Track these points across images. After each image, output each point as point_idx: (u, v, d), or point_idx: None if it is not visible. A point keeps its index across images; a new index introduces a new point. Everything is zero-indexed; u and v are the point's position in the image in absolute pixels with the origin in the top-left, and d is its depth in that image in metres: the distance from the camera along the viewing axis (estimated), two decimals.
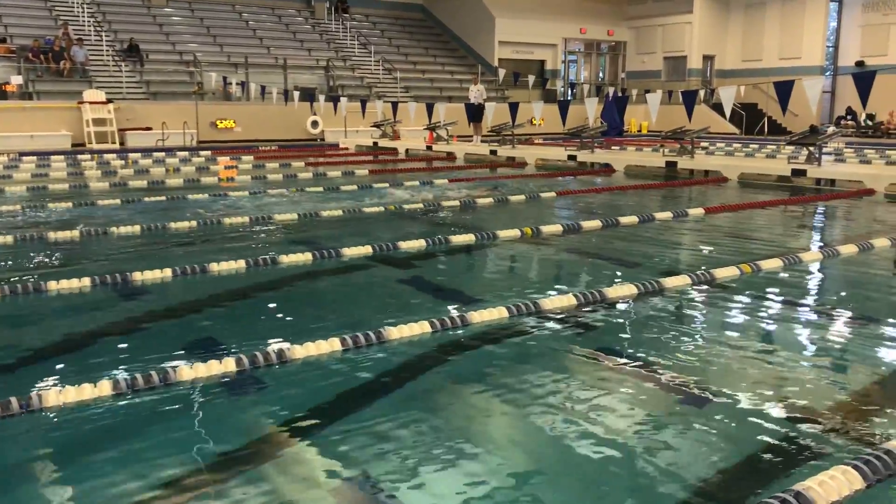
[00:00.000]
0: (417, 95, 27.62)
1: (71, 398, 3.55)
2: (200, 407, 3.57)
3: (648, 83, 30.81)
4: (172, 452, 3.10)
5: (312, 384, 3.89)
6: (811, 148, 14.18)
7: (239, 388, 3.80)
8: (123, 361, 4.16)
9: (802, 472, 2.89)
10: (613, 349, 4.40)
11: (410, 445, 3.15)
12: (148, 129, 22.11)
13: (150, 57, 25.21)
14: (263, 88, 23.43)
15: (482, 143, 21.08)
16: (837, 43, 30.94)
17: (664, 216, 9.29)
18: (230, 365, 3.94)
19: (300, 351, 4.16)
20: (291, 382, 3.91)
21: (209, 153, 19.07)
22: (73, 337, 4.71)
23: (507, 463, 3.04)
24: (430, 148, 20.89)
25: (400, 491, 2.80)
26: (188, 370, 3.85)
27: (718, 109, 24.23)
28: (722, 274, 6.08)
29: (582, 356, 4.32)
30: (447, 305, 5.49)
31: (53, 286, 5.63)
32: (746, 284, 5.97)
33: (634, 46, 35.53)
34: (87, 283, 5.74)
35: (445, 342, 4.50)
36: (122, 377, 3.74)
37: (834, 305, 5.65)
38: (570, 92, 33.36)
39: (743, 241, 8.37)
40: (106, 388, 3.64)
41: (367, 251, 6.99)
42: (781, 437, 3.24)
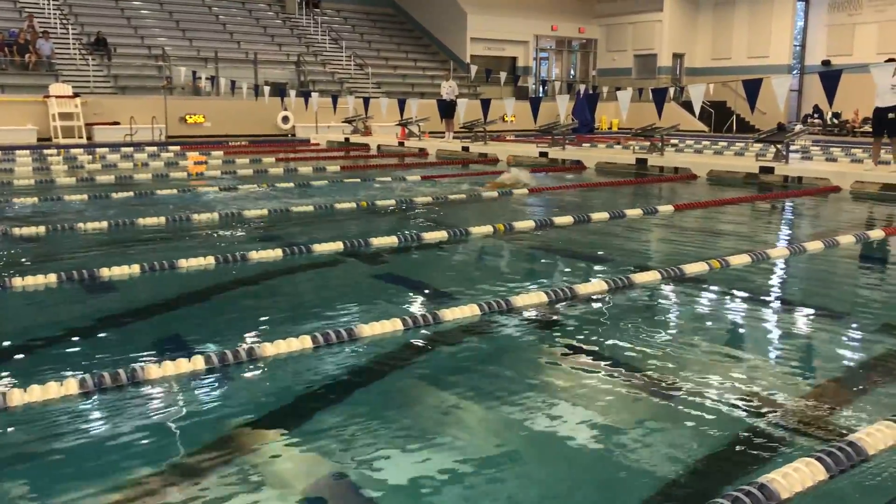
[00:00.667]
0: (389, 91, 27.54)
1: (36, 397, 3.49)
2: (169, 406, 3.54)
3: (619, 80, 31.02)
4: (141, 452, 3.07)
5: (283, 382, 3.86)
6: (779, 146, 14.37)
7: (208, 386, 3.77)
8: (91, 359, 4.09)
9: (767, 464, 2.93)
10: (583, 345, 4.42)
11: (383, 443, 3.15)
12: (116, 123, 21.81)
13: (117, 50, 24.87)
14: (233, 83, 23.22)
15: (454, 139, 21.09)
16: (804, 42, 31.38)
17: (634, 213, 9.36)
18: (199, 363, 3.90)
19: (270, 349, 4.13)
20: (262, 380, 3.89)
21: (178, 148, 18.86)
22: (38, 334, 4.63)
23: (478, 459, 3.05)
24: (402, 144, 20.86)
25: (372, 487, 2.80)
26: (156, 368, 3.80)
27: (688, 107, 24.43)
28: (691, 270, 6.15)
29: (552, 352, 4.35)
30: (419, 302, 5.49)
31: (18, 282, 5.54)
32: (715, 280, 6.04)
33: (605, 44, 35.75)
34: (52, 279, 5.65)
35: (417, 339, 4.50)
36: (89, 375, 3.69)
37: (800, 301, 5.74)
38: (541, 89, 33.43)
39: (712, 237, 8.46)
40: (72, 386, 3.59)
41: (338, 247, 6.96)
42: (747, 430, 3.29)
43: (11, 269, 6.10)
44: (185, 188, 11.63)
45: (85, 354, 4.23)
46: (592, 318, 5.10)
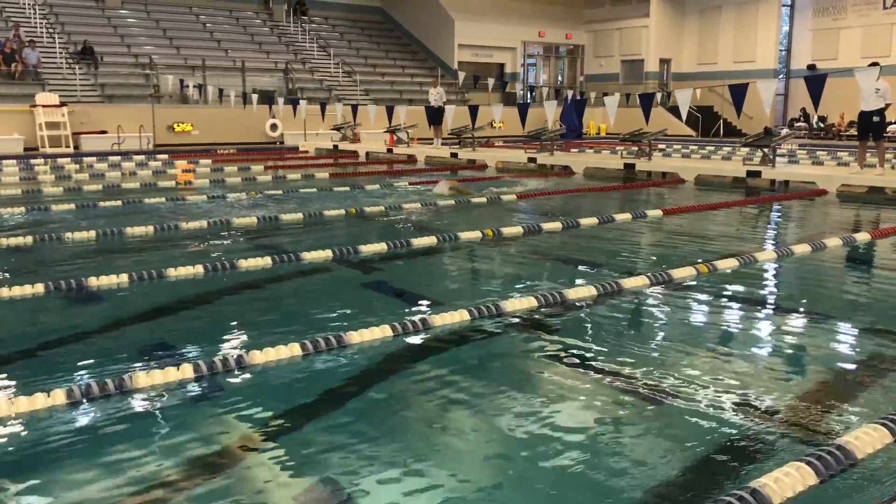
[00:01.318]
0: (377, 98, 27.54)
1: (23, 408, 3.47)
2: (157, 415, 3.52)
3: (606, 86, 31.10)
4: (128, 462, 3.05)
5: (272, 390, 3.85)
6: (765, 150, 14.45)
7: (197, 394, 3.75)
8: (78, 369, 4.07)
9: (758, 469, 2.94)
10: (573, 350, 4.42)
11: (372, 449, 3.14)
12: (103, 132, 21.71)
13: (104, 59, 24.76)
14: (221, 91, 23.16)
15: (443, 145, 21.11)
16: (790, 47, 31.58)
17: (623, 217, 9.39)
18: (188, 372, 3.88)
19: (259, 356, 4.11)
20: (251, 388, 3.87)
21: (166, 157, 18.79)
22: (25, 344, 4.60)
23: (468, 465, 3.04)
24: (390, 151, 20.86)
25: (361, 495, 2.78)
26: (145, 377, 3.78)
27: (675, 112, 24.58)
28: (679, 274, 6.17)
29: (542, 357, 4.35)
30: (409, 308, 5.48)
31: (5, 293, 5.50)
32: (703, 284, 6.06)
33: (592, 50, 35.87)
34: (40, 289, 5.61)
35: (407, 346, 4.49)
36: (76, 385, 3.67)
37: (788, 304, 5.76)
38: (529, 95, 33.53)
39: (700, 241, 8.49)
40: (60, 396, 3.56)
41: (327, 255, 6.95)
42: (737, 435, 3.30)
43: None
44: (173, 197, 11.59)
45: (72, 364, 4.19)
46: (582, 322, 5.11)
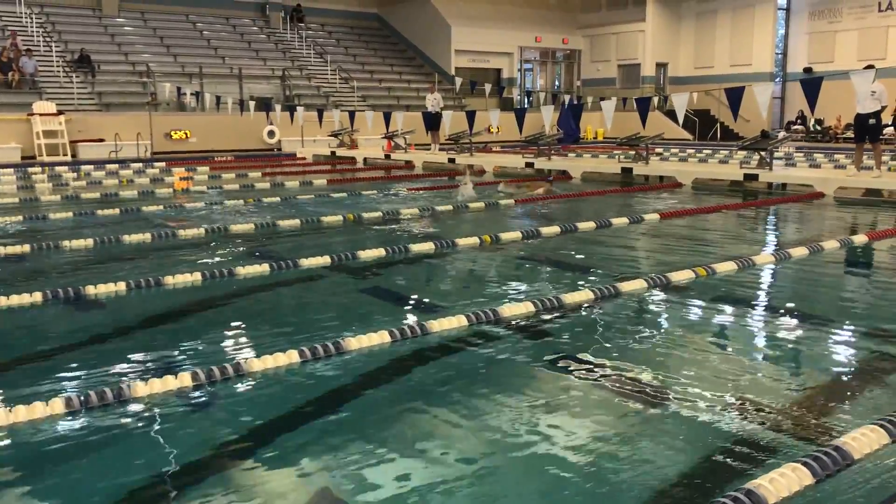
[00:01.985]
0: (374, 104, 27.59)
1: (22, 417, 3.47)
2: (156, 423, 3.52)
3: (603, 90, 31.16)
4: (128, 470, 3.05)
5: (271, 397, 3.85)
6: (763, 153, 14.48)
7: (195, 402, 3.76)
8: (76, 378, 4.08)
9: (754, 470, 2.95)
10: (571, 354, 4.43)
11: (371, 456, 3.14)
12: (100, 140, 21.72)
13: (101, 67, 24.81)
14: (218, 99, 23.19)
15: (440, 151, 21.14)
16: (786, 50, 31.65)
17: (621, 222, 9.40)
18: (186, 380, 3.89)
19: (258, 364, 4.12)
20: (249, 395, 3.87)
21: (164, 164, 18.81)
22: (23, 354, 4.60)
23: (468, 470, 3.05)
24: (388, 157, 20.88)
25: (360, 502, 2.79)
26: (143, 386, 3.79)
27: (672, 116, 24.58)
28: (677, 277, 6.18)
29: (541, 362, 4.35)
30: (407, 314, 5.49)
31: (3, 301, 5.50)
32: (701, 287, 6.07)
33: (589, 54, 35.95)
34: (38, 297, 5.62)
35: (405, 351, 4.50)
36: (75, 394, 3.67)
37: (786, 307, 5.77)
38: (526, 100, 33.60)
39: (698, 244, 8.51)
40: (58, 406, 3.56)
41: (325, 261, 6.96)
42: (734, 436, 3.30)
43: None
44: (171, 204, 11.59)
45: (71, 373, 4.19)
46: (579, 327, 5.11)
